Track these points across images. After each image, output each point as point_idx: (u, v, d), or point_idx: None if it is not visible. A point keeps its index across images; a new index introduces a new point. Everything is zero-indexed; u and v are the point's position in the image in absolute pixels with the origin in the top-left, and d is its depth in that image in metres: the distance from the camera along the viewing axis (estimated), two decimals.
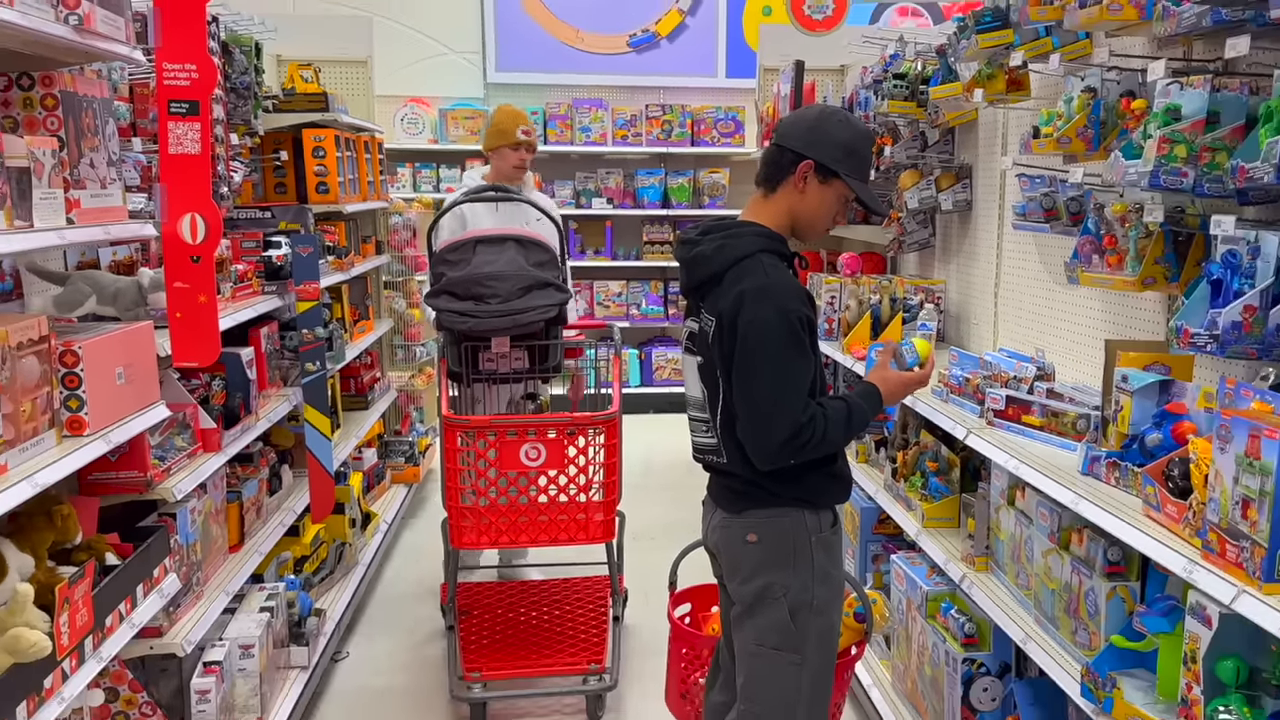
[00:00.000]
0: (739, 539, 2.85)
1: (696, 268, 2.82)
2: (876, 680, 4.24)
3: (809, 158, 2.77)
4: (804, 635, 2.80)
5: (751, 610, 2.84)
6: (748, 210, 2.89)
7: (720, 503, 2.95)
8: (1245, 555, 2.12)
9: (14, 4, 2.44)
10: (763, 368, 2.67)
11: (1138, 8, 2.99)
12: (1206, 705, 2.19)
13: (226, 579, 3.82)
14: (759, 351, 2.67)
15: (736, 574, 2.89)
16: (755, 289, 2.69)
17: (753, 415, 2.71)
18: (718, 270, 2.76)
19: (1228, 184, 2.63)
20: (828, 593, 2.84)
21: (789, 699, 2.83)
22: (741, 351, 2.69)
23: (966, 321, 5.13)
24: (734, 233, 2.81)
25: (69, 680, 2.61)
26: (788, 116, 2.92)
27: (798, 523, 2.80)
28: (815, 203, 2.84)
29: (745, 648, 2.88)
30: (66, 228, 2.76)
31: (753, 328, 2.67)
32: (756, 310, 2.67)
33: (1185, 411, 2.72)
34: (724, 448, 2.85)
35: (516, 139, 4.99)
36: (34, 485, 2.49)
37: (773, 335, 2.66)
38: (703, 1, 9.77)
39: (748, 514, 2.84)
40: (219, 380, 3.96)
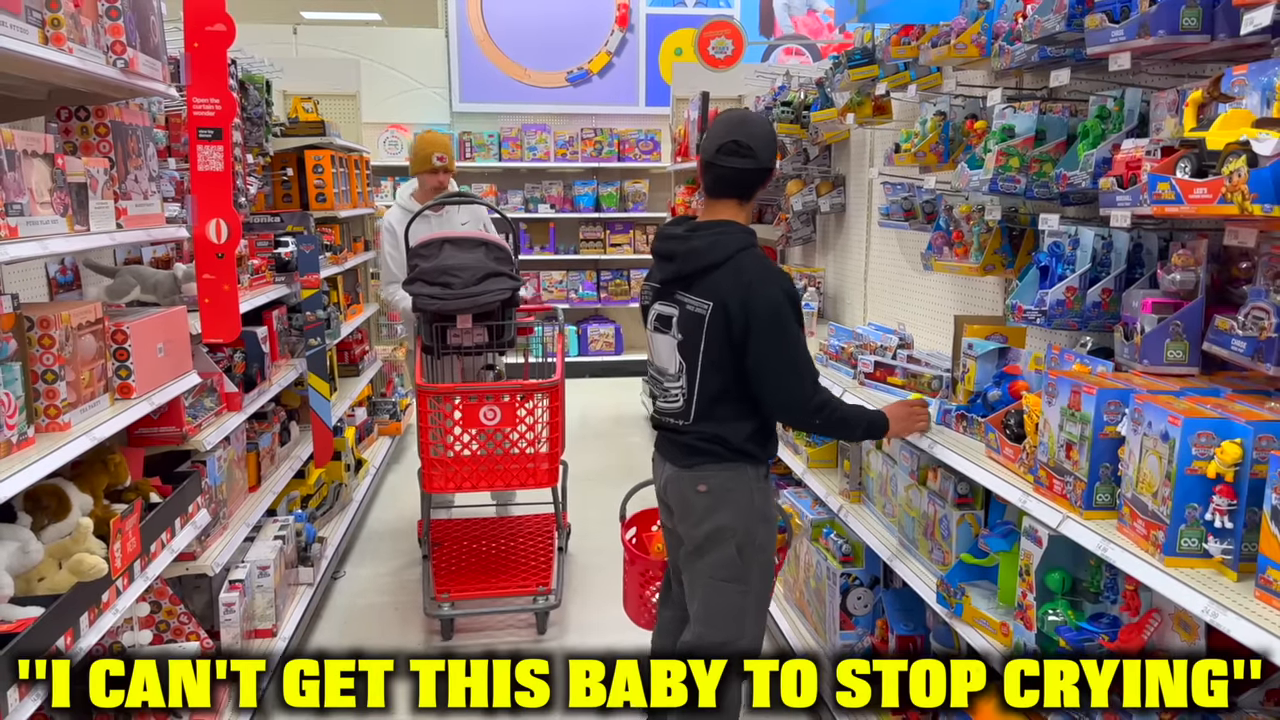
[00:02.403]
0: (691, 489, 2.73)
1: (694, 259, 2.64)
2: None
3: (773, 167, 2.73)
4: (749, 567, 2.72)
5: (703, 549, 2.73)
6: (723, 214, 2.70)
7: (672, 458, 2.79)
8: (1069, 488, 2.11)
9: (73, 52, 2.34)
10: (784, 337, 2.57)
11: (979, 46, 2.96)
12: (1038, 609, 2.18)
13: (247, 513, 3.71)
14: (777, 324, 2.56)
15: (689, 518, 2.76)
16: (761, 274, 2.59)
17: (785, 377, 2.60)
18: (716, 261, 2.61)
19: (1053, 189, 2.62)
20: (767, 530, 2.76)
21: (738, 618, 2.73)
22: (761, 327, 2.56)
23: (842, 301, 5.11)
24: (725, 230, 2.65)
25: (122, 595, 2.53)
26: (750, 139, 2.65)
27: (741, 473, 2.69)
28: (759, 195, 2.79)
29: (699, 580, 2.77)
30: (116, 231, 2.65)
31: (768, 306, 2.55)
32: (768, 291, 2.56)
33: (1019, 372, 2.68)
34: (692, 412, 2.70)
35: (433, 165, 4.89)
36: (92, 439, 2.41)
37: (785, 311, 2.57)
38: (627, 45, 9.63)
39: (698, 468, 2.71)
40: (240, 353, 3.84)
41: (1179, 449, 1.76)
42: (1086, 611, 2.15)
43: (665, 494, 2.85)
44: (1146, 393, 1.96)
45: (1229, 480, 1.72)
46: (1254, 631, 1.55)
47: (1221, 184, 1.76)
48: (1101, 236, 2.45)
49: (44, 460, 2.17)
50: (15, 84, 2.63)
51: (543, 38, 9.52)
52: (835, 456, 3.85)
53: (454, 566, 4.54)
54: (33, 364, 2.33)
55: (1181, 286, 2.16)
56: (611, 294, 9.65)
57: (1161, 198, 1.94)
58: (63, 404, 2.38)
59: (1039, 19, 2.51)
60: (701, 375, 2.67)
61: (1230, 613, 1.61)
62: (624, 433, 7.62)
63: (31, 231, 2.18)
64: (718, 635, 2.72)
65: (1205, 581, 1.73)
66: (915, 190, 3.73)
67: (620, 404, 8.46)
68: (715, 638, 2.72)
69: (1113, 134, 2.44)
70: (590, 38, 9.62)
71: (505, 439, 4.11)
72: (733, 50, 6.75)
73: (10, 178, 2.13)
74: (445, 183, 5.00)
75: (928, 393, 3.19)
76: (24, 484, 2.07)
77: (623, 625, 4.19)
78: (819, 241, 5.50)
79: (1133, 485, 1.92)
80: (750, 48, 8.45)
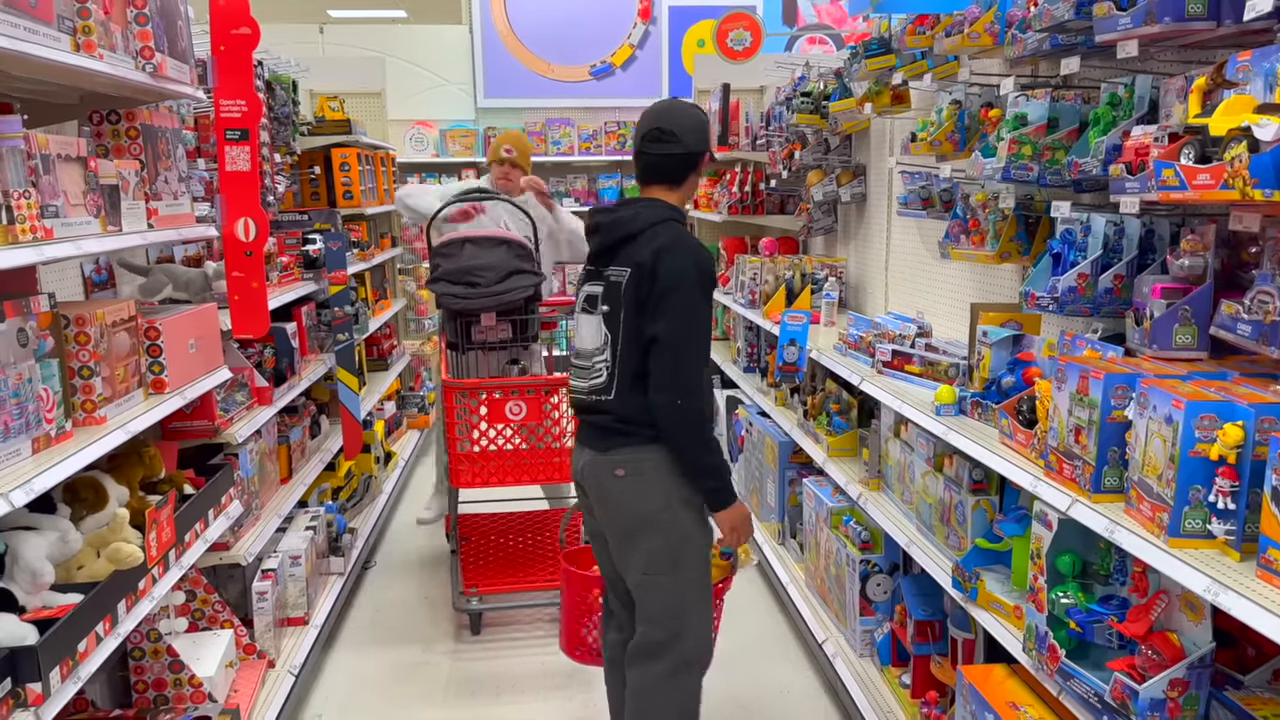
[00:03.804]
0: (608, 474, 2.61)
1: (616, 229, 2.62)
2: (793, 579, 4.23)
3: (704, 150, 2.68)
4: (679, 554, 2.61)
5: (631, 541, 2.62)
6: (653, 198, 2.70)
7: (589, 442, 2.67)
8: (1078, 472, 2.12)
9: (104, 58, 2.41)
10: (681, 307, 2.50)
11: (992, 35, 2.96)
12: (1049, 592, 2.19)
13: (279, 504, 3.80)
14: (678, 292, 2.49)
15: (608, 507, 2.65)
16: (674, 242, 2.54)
17: (667, 349, 2.50)
18: (636, 230, 2.58)
19: (1065, 176, 2.62)
20: (692, 515, 2.62)
21: (678, 610, 2.63)
22: (662, 293, 2.50)
23: (863, 291, 5.12)
24: (650, 204, 2.65)
25: (157, 583, 2.61)
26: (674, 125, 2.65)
27: (660, 457, 2.56)
28: (698, 179, 2.75)
29: (633, 579, 2.66)
30: (148, 231, 2.72)
31: (673, 272, 2.49)
32: (678, 259, 2.51)
33: (1033, 359, 2.70)
34: (615, 385, 2.60)
35: (500, 156, 4.91)
36: (127, 432, 2.48)
37: (690, 281, 2.50)
38: (649, 37, 9.65)
39: (614, 451, 2.59)
40: (270, 348, 3.93)
41: (1182, 432, 1.79)
42: (1096, 594, 2.17)
43: (583, 481, 2.73)
44: (1153, 377, 1.98)
45: (1231, 462, 1.74)
46: (1254, 610, 1.58)
47: (1224, 170, 1.78)
48: (1114, 223, 2.46)
49: (82, 453, 2.25)
50: (49, 89, 2.71)
51: (566, 32, 9.57)
52: (855, 445, 3.88)
53: (482, 561, 4.60)
54: (69, 360, 2.42)
55: (1190, 271, 2.18)
56: None
57: (1166, 184, 1.96)
58: (99, 399, 2.46)
59: (1048, 7, 2.52)
60: (623, 347, 2.58)
61: (1231, 592, 1.63)
62: None
63: (67, 232, 2.26)
64: (659, 633, 2.63)
65: (1208, 562, 1.75)
66: (933, 179, 3.73)
67: None
68: (657, 635, 2.63)
69: (1123, 121, 2.45)
70: (613, 31, 9.64)
71: (531, 434, 4.18)
72: (751, 42, 6.76)
73: (46, 181, 2.21)
74: (513, 175, 4.89)
75: (944, 380, 3.21)
76: (63, 476, 2.15)
77: None
78: (840, 232, 5.50)
79: (1139, 468, 1.94)
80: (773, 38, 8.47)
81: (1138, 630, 1.96)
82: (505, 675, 3.85)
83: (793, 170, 5.44)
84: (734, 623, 4.25)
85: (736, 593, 4.54)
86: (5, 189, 2.03)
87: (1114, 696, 1.94)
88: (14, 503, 1.93)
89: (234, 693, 3.17)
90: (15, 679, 1.96)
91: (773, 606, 4.41)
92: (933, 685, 3.05)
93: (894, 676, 3.28)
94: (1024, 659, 2.30)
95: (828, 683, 3.67)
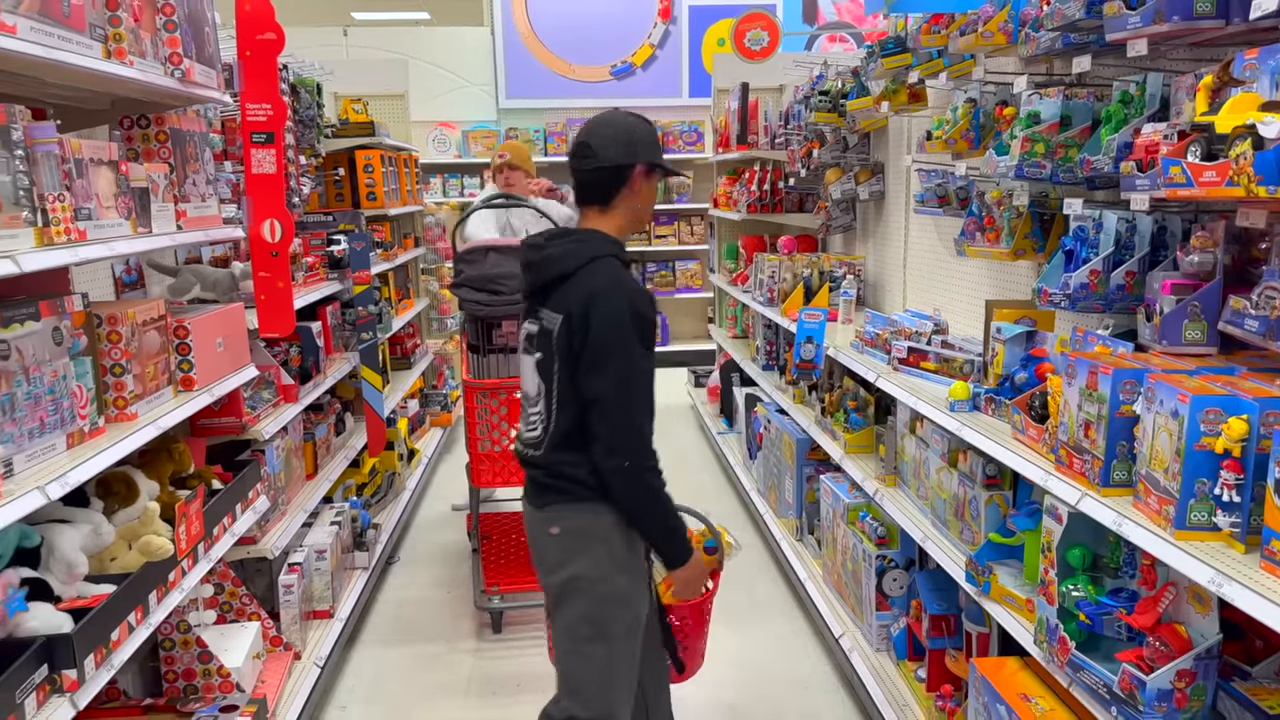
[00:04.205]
0: (543, 531, 2.44)
1: (545, 268, 2.40)
2: (810, 574, 4.24)
3: (637, 163, 2.40)
4: (611, 624, 2.40)
5: (560, 603, 2.43)
6: (589, 223, 2.46)
7: (528, 496, 2.51)
8: (1087, 466, 2.15)
9: (134, 65, 2.48)
10: (615, 356, 2.28)
11: (1006, 34, 2.98)
12: (1060, 584, 2.20)
13: (304, 500, 3.87)
14: (612, 341, 2.27)
15: (543, 566, 2.49)
16: (609, 285, 2.31)
17: (606, 403, 2.30)
18: (568, 270, 2.35)
19: (1077, 173, 2.64)
20: (630, 582, 2.43)
21: (605, 687, 2.41)
22: (596, 345, 2.28)
23: (881, 289, 5.14)
24: (582, 238, 2.41)
25: (187, 575, 2.68)
26: (593, 139, 2.42)
27: (598, 514, 2.37)
28: (648, 196, 2.48)
29: (559, 644, 2.48)
30: (176, 232, 2.79)
31: (606, 318, 2.27)
32: (610, 304, 2.28)
33: (1046, 355, 2.71)
34: (547, 440, 2.41)
35: (496, 164, 4.90)
36: (158, 428, 2.55)
37: (626, 328, 2.27)
38: (669, 37, 9.71)
39: (550, 507, 2.41)
40: (295, 347, 4.00)
41: (1188, 426, 1.81)
42: (1106, 586, 2.19)
43: (529, 537, 2.56)
44: (1160, 372, 2.00)
45: (1236, 455, 1.77)
46: (1257, 601, 1.60)
47: (1229, 167, 1.80)
48: (1125, 220, 2.48)
49: (114, 448, 2.32)
50: (81, 95, 2.79)
51: (586, 32, 9.64)
52: (872, 442, 3.90)
53: (503, 560, 4.65)
54: (102, 358, 2.49)
55: (1200, 268, 2.20)
56: (657, 285, 9.74)
57: (1173, 181, 1.98)
58: (130, 395, 2.54)
59: (1060, 6, 2.55)
60: (558, 398, 2.38)
61: (1235, 582, 1.66)
62: (671, 422, 7.72)
63: (99, 234, 2.33)
64: (583, 713, 2.41)
65: (1214, 554, 1.78)
66: (948, 177, 3.74)
67: (666, 394, 8.52)
68: (584, 715, 2.41)
69: (1135, 119, 2.47)
70: (633, 31, 9.71)
71: None
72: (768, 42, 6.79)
73: (79, 184, 2.28)
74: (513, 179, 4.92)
75: (959, 377, 3.23)
76: (96, 470, 2.22)
77: None
78: (859, 229, 5.52)
79: (1146, 462, 1.96)
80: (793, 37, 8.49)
81: (1146, 622, 1.98)
82: (526, 674, 3.90)
83: (811, 168, 5.46)
84: (751, 618, 4.30)
85: (754, 588, 4.59)
86: (41, 192, 2.10)
87: (1122, 687, 1.96)
88: (50, 495, 2.00)
89: (261, 683, 3.24)
90: (52, 665, 2.03)
91: (790, 602, 4.44)
92: (948, 679, 3.07)
93: (910, 671, 3.31)
94: (1035, 651, 2.33)
95: (844, 677, 3.70)
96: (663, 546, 2.45)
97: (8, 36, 1.92)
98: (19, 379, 2.09)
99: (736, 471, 5.89)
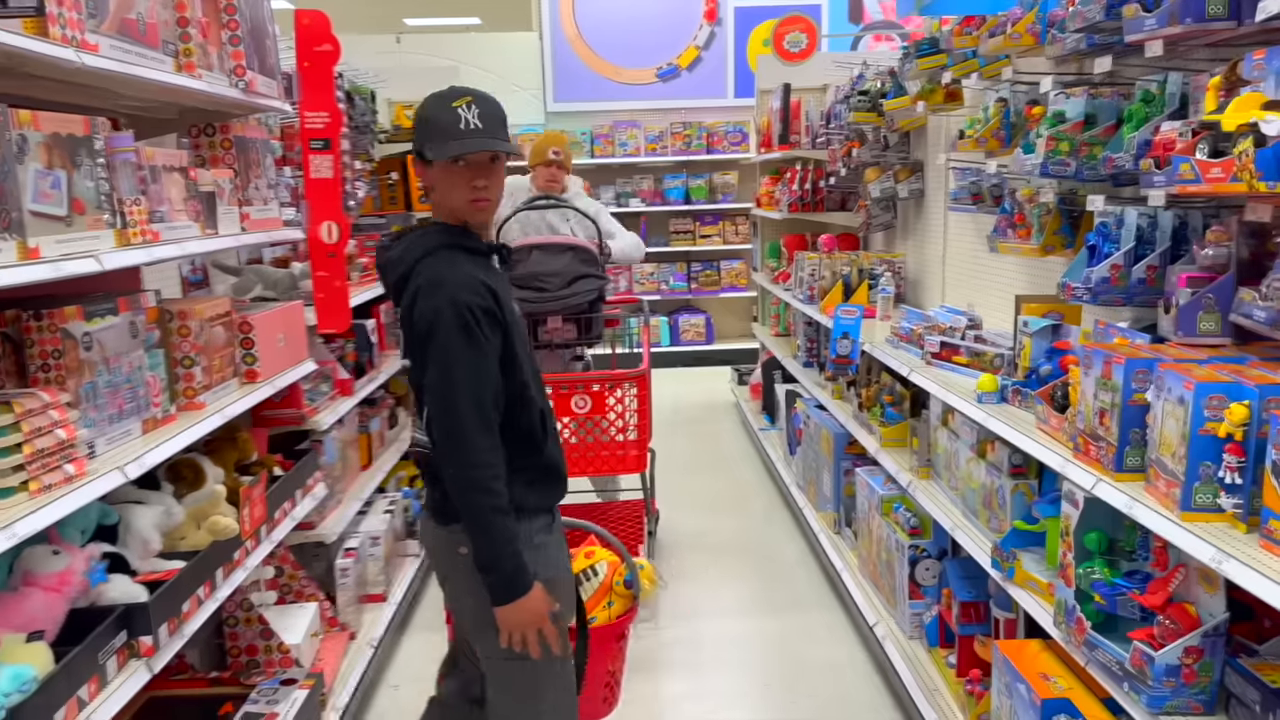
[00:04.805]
0: (451, 552, 2.23)
1: (390, 271, 2.27)
2: (847, 565, 4.31)
3: (418, 151, 2.25)
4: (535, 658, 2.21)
5: (479, 625, 2.24)
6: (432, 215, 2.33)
7: (429, 508, 2.33)
8: (1102, 453, 2.22)
9: (202, 77, 2.67)
10: (439, 356, 2.11)
11: (1034, 35, 3.03)
12: (1077, 567, 2.27)
13: (359, 489, 4.04)
14: (433, 339, 2.11)
15: (450, 588, 2.35)
16: (429, 282, 2.14)
17: (436, 406, 2.14)
18: (405, 271, 2.21)
19: (1101, 171, 2.71)
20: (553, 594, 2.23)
21: (528, 705, 2.28)
22: (418, 342, 2.15)
23: (921, 285, 5.18)
24: (421, 233, 2.26)
25: (250, 555, 2.84)
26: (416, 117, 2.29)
27: None
28: (446, 186, 2.21)
29: (484, 664, 2.32)
30: (241, 234, 2.97)
31: (424, 319, 2.12)
32: (428, 301, 2.12)
33: (1070, 347, 2.77)
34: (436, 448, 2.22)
35: (548, 158, 4.99)
36: (224, 416, 2.73)
37: (443, 324, 2.10)
38: (715, 38, 9.80)
39: (454, 526, 2.20)
40: (351, 343, 4.17)
41: (1192, 411, 1.89)
42: (1122, 569, 2.26)
43: (428, 551, 2.47)
44: (1171, 361, 2.08)
45: (1238, 439, 1.84)
46: (1254, 577, 1.68)
47: (1233, 163, 1.87)
48: (1147, 216, 2.54)
49: (184, 434, 2.50)
50: (151, 106, 2.98)
51: (633, 36, 9.77)
52: (907, 435, 3.97)
53: None
54: (173, 351, 2.67)
55: (1214, 261, 2.26)
56: (702, 284, 9.85)
57: (1183, 177, 2.06)
58: (198, 386, 2.71)
59: (1082, 9, 2.62)
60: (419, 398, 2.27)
61: (1234, 560, 1.74)
62: (714, 419, 7.84)
63: (171, 235, 2.51)
64: None
65: (1217, 534, 1.85)
66: (982, 175, 3.81)
67: (711, 391, 8.66)
68: None
69: (1156, 117, 2.53)
70: (679, 33, 9.81)
71: (596, 426, 4.36)
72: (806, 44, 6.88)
73: (153, 189, 2.46)
74: (559, 176, 5.04)
75: (989, 370, 3.30)
76: (169, 453, 2.40)
77: (708, 607, 4.39)
78: (899, 227, 5.57)
79: (1156, 448, 2.04)
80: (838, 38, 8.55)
81: (1156, 601, 2.06)
82: None
83: (851, 167, 5.53)
84: (790, 609, 4.40)
85: (794, 582, 4.69)
86: (119, 197, 2.27)
87: (1133, 664, 2.04)
88: (129, 475, 2.18)
89: (319, 660, 3.42)
90: (130, 632, 2.20)
91: (828, 593, 4.53)
92: (976, 664, 3.14)
93: (941, 657, 3.39)
94: (1055, 633, 2.40)
95: (878, 663, 3.78)
96: (487, 577, 2.13)
97: (91, 55, 2.10)
98: (100, 369, 2.27)
99: (778, 467, 5.98)
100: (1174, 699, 1.98)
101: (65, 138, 2.06)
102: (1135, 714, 2.05)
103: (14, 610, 2.02)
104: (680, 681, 3.82)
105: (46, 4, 1.95)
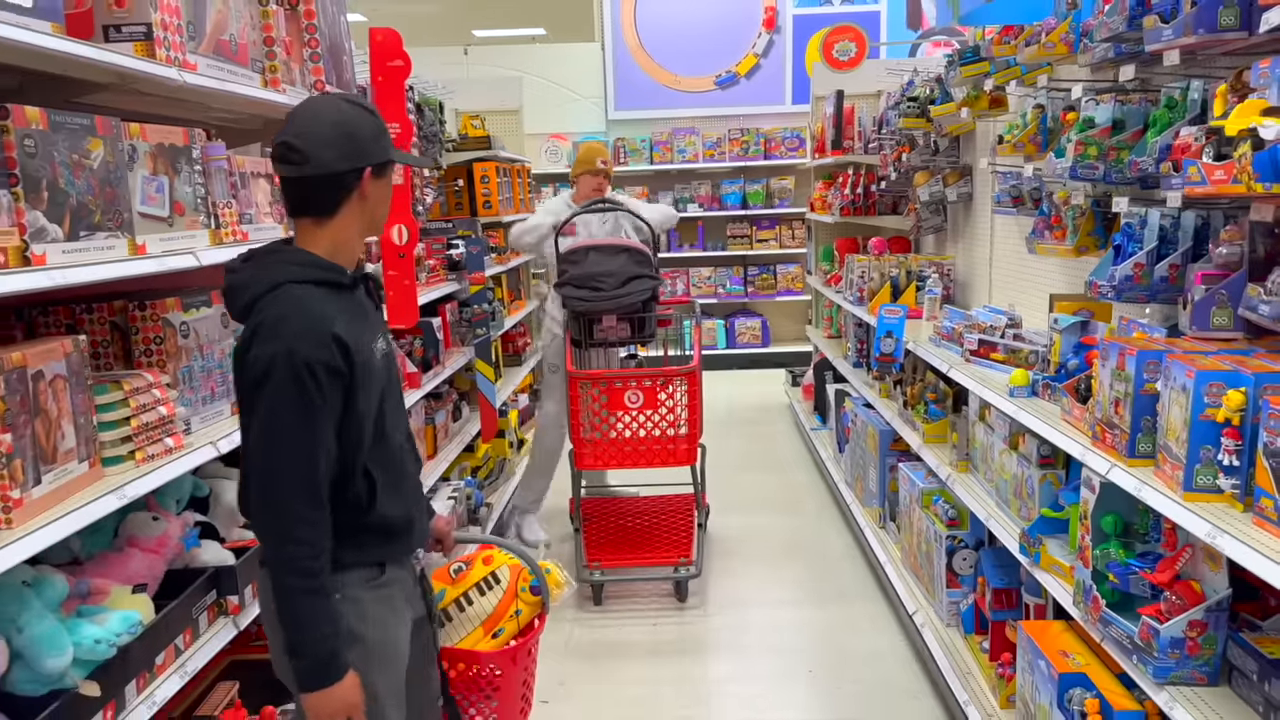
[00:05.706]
0: (267, 604, 1.95)
1: (230, 297, 1.95)
2: (890, 558, 4.42)
3: (362, 167, 1.94)
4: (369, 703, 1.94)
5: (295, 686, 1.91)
6: (303, 240, 1.97)
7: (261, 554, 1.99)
8: (1117, 439, 2.34)
9: (286, 92, 2.91)
10: (267, 409, 1.83)
11: (1067, 44, 3.16)
12: (1094, 549, 2.39)
13: (425, 478, 4.26)
14: (261, 390, 1.83)
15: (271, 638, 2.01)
16: (268, 324, 1.84)
17: (255, 468, 1.88)
18: (249, 301, 1.90)
19: (1126, 174, 2.82)
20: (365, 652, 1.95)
21: None
22: (246, 388, 1.88)
23: (969, 287, 5.27)
24: (275, 258, 1.95)
25: None
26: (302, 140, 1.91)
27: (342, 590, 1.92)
28: (380, 197, 2.01)
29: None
30: None
31: (256, 366, 1.82)
32: (263, 348, 1.82)
33: (1096, 343, 2.86)
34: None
35: (596, 167, 5.17)
36: None
37: (275, 379, 1.81)
38: (774, 46, 9.94)
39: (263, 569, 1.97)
40: (418, 339, 4.40)
41: (1193, 398, 2.01)
42: (1136, 550, 2.38)
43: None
44: (1179, 352, 2.20)
45: (1236, 424, 1.96)
46: (1245, 551, 1.80)
47: (1234, 166, 1.99)
48: (1171, 216, 2.65)
49: None
50: (238, 118, 3.24)
51: (692, 44, 9.95)
52: (948, 431, 4.08)
53: (603, 539, 4.95)
54: None
55: (1229, 259, 2.37)
56: (758, 288, 9.99)
57: (1192, 180, 2.17)
58: None
59: (1107, 21, 2.74)
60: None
61: (1227, 535, 1.86)
62: (768, 420, 7.96)
63: (258, 236, 2.75)
64: None
65: (1215, 512, 1.97)
66: (1021, 178, 3.91)
67: (765, 394, 8.79)
68: None
69: (1178, 122, 2.64)
70: (738, 41, 9.97)
71: (648, 420, 4.55)
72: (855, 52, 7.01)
73: (243, 194, 2.71)
74: (604, 186, 5.27)
75: (1025, 366, 3.40)
76: None
77: (755, 597, 4.54)
78: (949, 230, 5.67)
79: (1164, 434, 2.16)
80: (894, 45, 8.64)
81: (1164, 579, 2.17)
82: (622, 641, 4.22)
83: (902, 172, 5.64)
84: (835, 601, 4.53)
85: (840, 575, 4.82)
86: (214, 200, 2.52)
87: (1141, 637, 2.16)
88: (220, 450, 2.42)
89: None
90: (219, 591, 2.44)
91: (872, 585, 4.65)
92: (1008, 648, 3.25)
93: (975, 644, 3.50)
94: (1074, 612, 2.52)
95: (916, 650, 3.90)
96: (291, 660, 1.87)
97: (191, 74, 2.35)
98: (195, 355, 2.52)
99: (828, 466, 6.11)
100: (1178, 669, 2.10)
101: (168, 147, 2.32)
102: (1143, 684, 2.17)
103: (120, 567, 2.27)
104: (727, 664, 3.98)
105: (154, 28, 2.20)
